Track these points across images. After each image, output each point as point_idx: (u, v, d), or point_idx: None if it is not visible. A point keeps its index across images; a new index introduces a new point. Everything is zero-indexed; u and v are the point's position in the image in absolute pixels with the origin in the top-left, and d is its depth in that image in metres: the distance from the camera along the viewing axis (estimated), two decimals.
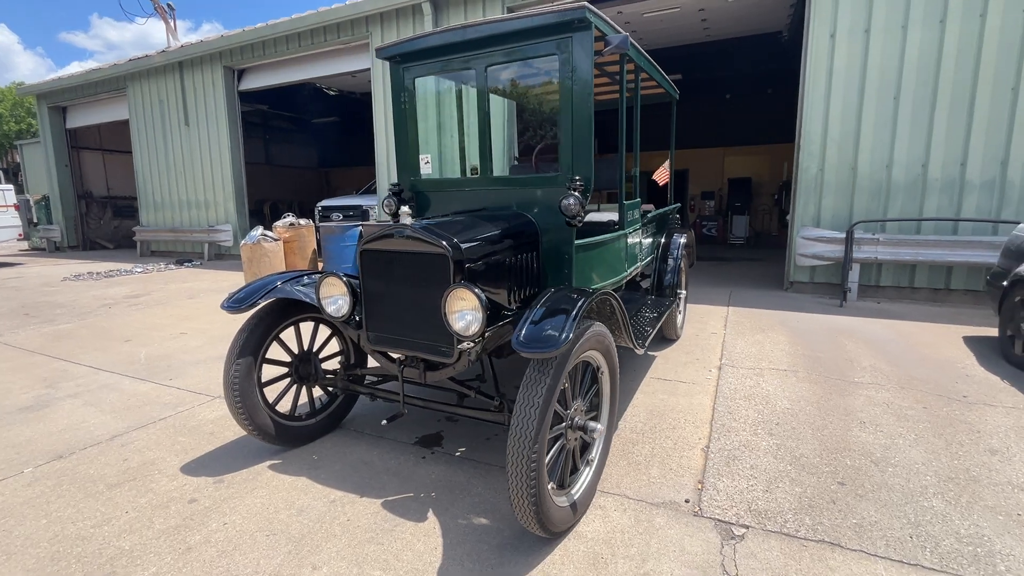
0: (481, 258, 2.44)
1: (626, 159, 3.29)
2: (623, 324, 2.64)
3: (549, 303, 2.15)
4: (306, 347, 3.05)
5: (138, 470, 2.79)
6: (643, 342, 3.19)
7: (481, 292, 2.15)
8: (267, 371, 2.85)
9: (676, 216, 5.42)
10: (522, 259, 2.74)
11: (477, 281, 2.37)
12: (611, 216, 3.66)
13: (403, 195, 3.34)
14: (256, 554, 2.12)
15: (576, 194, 2.58)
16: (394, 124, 3.36)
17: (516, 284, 2.70)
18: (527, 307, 2.68)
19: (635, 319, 3.73)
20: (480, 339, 2.23)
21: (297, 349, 3.03)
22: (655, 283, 4.57)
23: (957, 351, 4.54)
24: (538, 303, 2.16)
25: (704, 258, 10.62)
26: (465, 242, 2.38)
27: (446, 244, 2.29)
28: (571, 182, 2.64)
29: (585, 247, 2.93)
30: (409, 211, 2.46)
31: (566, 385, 2.11)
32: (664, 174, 4.72)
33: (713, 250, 12.14)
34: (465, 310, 2.20)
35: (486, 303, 2.15)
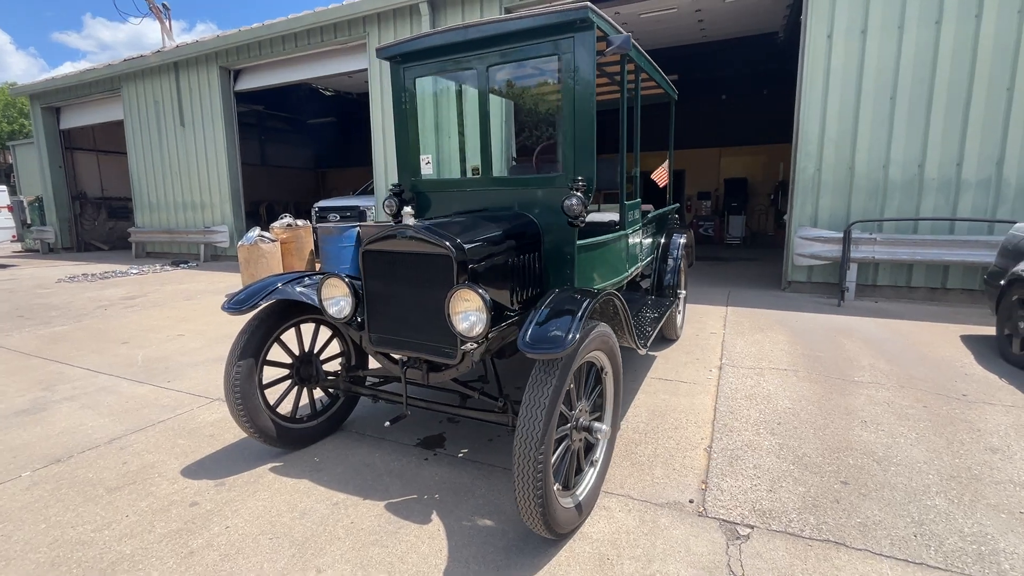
0: (484, 259, 2.43)
1: (626, 159, 3.29)
2: (626, 324, 2.64)
3: (554, 304, 2.14)
4: (307, 349, 3.04)
5: (138, 473, 2.77)
6: (645, 342, 3.19)
7: (485, 293, 2.14)
8: (268, 373, 2.83)
9: (675, 216, 5.43)
10: (524, 259, 2.74)
11: (480, 282, 2.36)
12: (611, 216, 3.66)
13: (404, 196, 3.33)
14: (259, 558, 2.10)
15: (579, 194, 2.57)
16: (395, 124, 3.35)
17: (519, 285, 2.69)
18: (529, 308, 2.69)
19: (636, 319, 3.73)
20: (484, 340, 2.23)
21: (298, 351, 3.01)
22: (655, 283, 4.57)
23: (955, 350, 4.56)
24: (543, 304, 2.15)
25: (701, 258, 10.64)
26: (468, 243, 2.37)
27: (449, 245, 2.27)
28: (574, 182, 2.64)
29: (587, 247, 2.92)
30: (412, 211, 2.45)
31: (571, 386, 2.10)
32: (663, 175, 4.73)
33: (710, 250, 12.18)
34: (469, 311, 2.19)
35: (490, 304, 2.14)
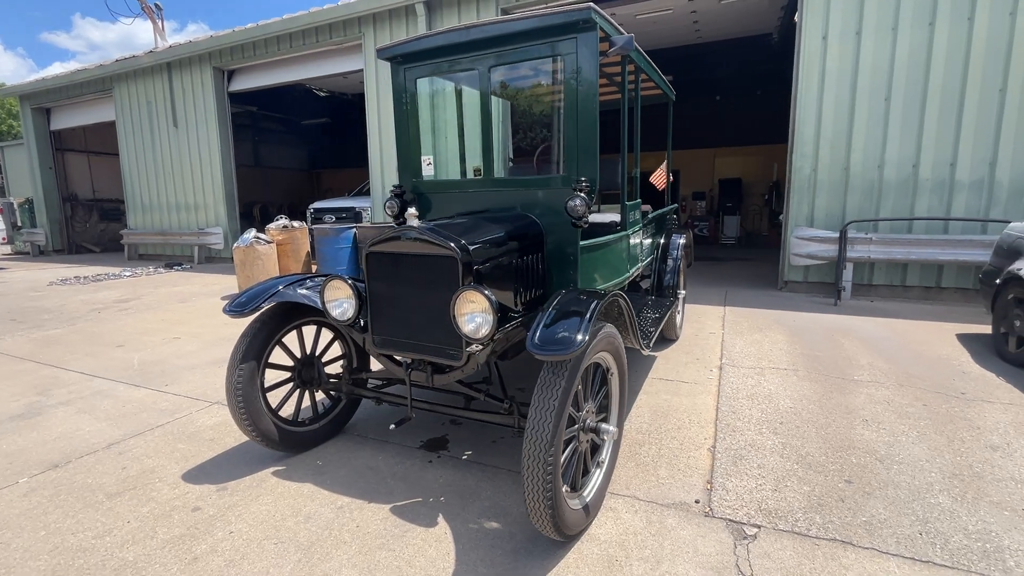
0: (489, 260, 2.42)
1: (627, 160, 3.29)
2: (631, 325, 2.64)
3: (562, 305, 2.13)
4: (309, 351, 3.02)
5: (138, 478, 2.73)
6: (648, 342, 3.19)
7: (491, 294, 2.13)
8: (270, 376, 2.80)
9: (674, 217, 5.45)
10: (528, 260, 2.73)
11: (485, 283, 2.35)
12: (612, 217, 3.66)
13: (405, 197, 3.32)
14: (265, 563, 2.08)
15: (582, 195, 2.57)
16: (395, 125, 3.33)
17: (523, 286, 2.68)
18: (533, 309, 2.68)
19: (639, 320, 3.73)
20: (490, 342, 2.22)
21: (300, 353, 2.99)
22: (655, 283, 4.58)
23: (951, 348, 4.60)
24: (551, 305, 2.14)
25: (697, 258, 10.67)
26: (473, 243, 2.36)
27: (454, 246, 2.26)
28: (577, 183, 2.64)
29: (590, 248, 2.92)
30: (416, 213, 2.44)
31: (579, 387, 2.10)
32: (662, 177, 4.74)
33: (706, 250, 12.24)
34: (475, 312, 2.18)
35: (496, 305, 2.13)
